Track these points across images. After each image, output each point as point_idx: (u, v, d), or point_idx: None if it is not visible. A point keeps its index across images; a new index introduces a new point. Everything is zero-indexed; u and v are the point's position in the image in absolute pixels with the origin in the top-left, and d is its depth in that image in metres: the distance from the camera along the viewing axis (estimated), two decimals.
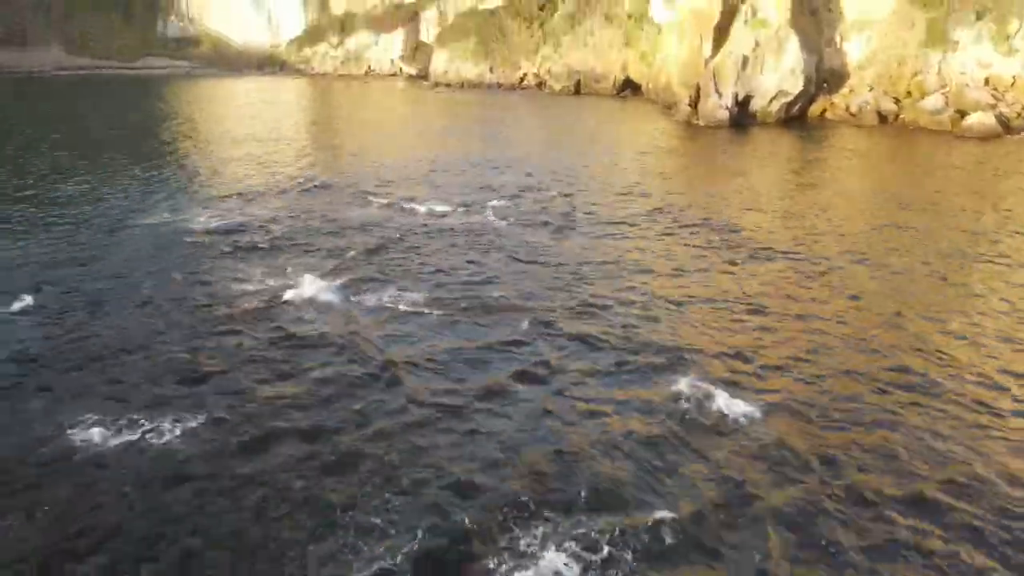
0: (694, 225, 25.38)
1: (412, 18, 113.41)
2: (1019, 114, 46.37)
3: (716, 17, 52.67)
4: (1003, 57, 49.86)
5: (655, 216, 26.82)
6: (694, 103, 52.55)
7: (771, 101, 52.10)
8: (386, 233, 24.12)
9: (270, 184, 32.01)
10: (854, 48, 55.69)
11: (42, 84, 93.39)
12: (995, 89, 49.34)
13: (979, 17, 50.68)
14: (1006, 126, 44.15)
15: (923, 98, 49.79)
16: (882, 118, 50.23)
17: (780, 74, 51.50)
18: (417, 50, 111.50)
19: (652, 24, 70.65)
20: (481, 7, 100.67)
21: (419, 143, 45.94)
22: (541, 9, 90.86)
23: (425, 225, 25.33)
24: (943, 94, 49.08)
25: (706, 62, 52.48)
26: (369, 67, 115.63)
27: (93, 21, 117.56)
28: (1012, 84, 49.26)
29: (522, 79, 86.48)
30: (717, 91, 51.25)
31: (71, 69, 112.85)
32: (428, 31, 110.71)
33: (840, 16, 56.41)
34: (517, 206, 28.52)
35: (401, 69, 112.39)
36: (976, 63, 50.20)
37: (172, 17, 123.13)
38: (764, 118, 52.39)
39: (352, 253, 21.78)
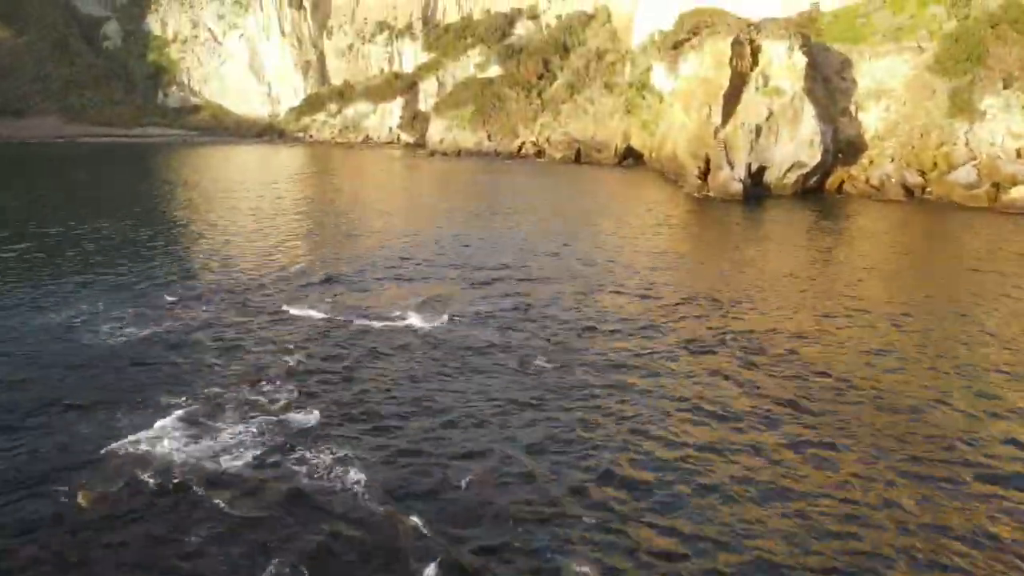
0: (735, 345, 19.96)
1: (411, 87, 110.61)
2: None
3: (725, 86, 48.45)
4: None
5: (678, 332, 21.42)
6: (704, 175, 47.91)
7: (787, 173, 47.43)
8: (331, 352, 18.70)
9: (222, 283, 26.74)
10: (871, 118, 51.38)
11: (33, 151, 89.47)
12: None
13: (1006, 85, 46.42)
14: None
15: (951, 171, 45.09)
16: (908, 191, 45.42)
17: (796, 144, 46.96)
18: (415, 119, 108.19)
19: (654, 93, 66.85)
20: (480, 76, 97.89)
21: (407, 221, 40.97)
22: (540, 78, 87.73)
23: (391, 338, 19.93)
24: (974, 166, 44.40)
25: (716, 132, 48.03)
26: (367, 135, 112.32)
27: (93, 92, 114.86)
28: None
29: (520, 147, 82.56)
30: (729, 162, 46.65)
31: (68, 137, 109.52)
32: (427, 101, 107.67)
33: (854, 85, 52.32)
34: (513, 311, 23.11)
35: (399, 137, 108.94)
36: (1007, 133, 45.68)
37: (173, 87, 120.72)
38: (779, 190, 47.65)
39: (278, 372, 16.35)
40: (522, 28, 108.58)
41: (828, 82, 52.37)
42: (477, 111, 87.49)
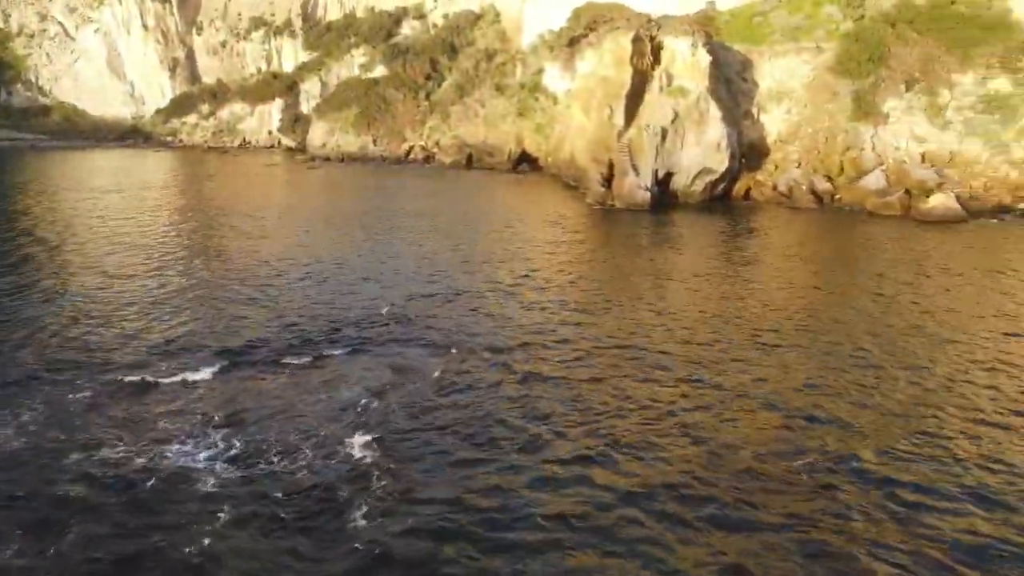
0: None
1: (291, 88, 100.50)
2: (972, 195, 38.80)
3: (627, 85, 43.26)
4: (938, 131, 42.73)
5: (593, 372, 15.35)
6: (607, 181, 42.50)
7: (694, 179, 42.75)
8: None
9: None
10: (773, 120, 47.61)
11: None
12: (932, 165, 41.96)
13: (908, 87, 43.62)
14: (967, 209, 36.24)
15: (860, 176, 41.73)
16: (818, 198, 41.66)
17: (703, 149, 42.33)
18: (297, 121, 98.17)
19: (547, 94, 61.33)
20: (365, 76, 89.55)
21: (268, 242, 33.15)
22: (427, 79, 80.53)
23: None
24: (883, 171, 41.15)
25: (619, 135, 42.73)
26: (244, 139, 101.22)
27: None
28: (950, 160, 42.03)
29: (409, 152, 75.08)
30: (634, 168, 41.42)
31: None
32: (309, 102, 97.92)
33: (755, 86, 48.45)
34: (389, 358, 16.37)
35: (279, 141, 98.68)
36: (911, 137, 42.83)
37: (18, 86, 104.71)
38: (687, 198, 42.92)
39: None
40: (408, 28, 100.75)
41: (730, 83, 48.24)
42: (361, 113, 79.32)
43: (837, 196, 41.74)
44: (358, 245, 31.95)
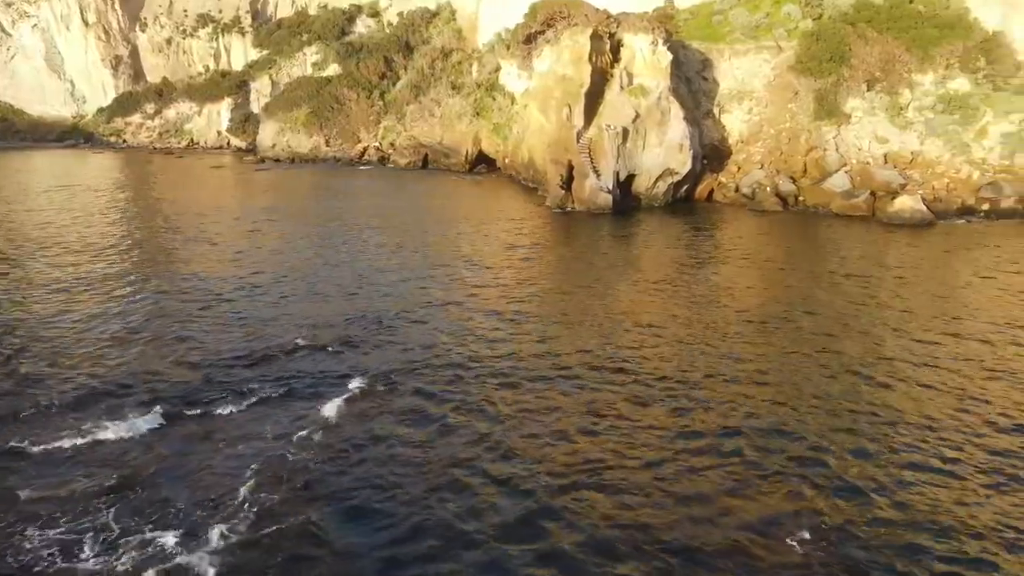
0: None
1: (241, 87, 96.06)
2: (936, 197, 37.58)
3: (587, 83, 41.01)
4: (899, 131, 41.51)
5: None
6: (567, 184, 40.23)
7: (657, 181, 40.74)
8: None
9: None
10: (734, 120, 45.95)
11: None
12: (895, 166, 40.73)
13: (870, 87, 42.33)
14: (933, 211, 34.91)
15: (824, 177, 40.24)
16: (782, 200, 40.01)
17: (665, 149, 40.35)
18: (247, 121, 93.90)
19: (505, 94, 58.83)
20: (318, 75, 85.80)
21: (197, 257, 30.06)
22: (382, 78, 77.33)
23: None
24: (847, 173, 39.73)
25: (578, 135, 40.45)
26: (192, 140, 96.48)
27: None
28: (912, 161, 40.84)
29: (363, 153, 71.78)
30: (595, 170, 39.22)
31: None
32: (259, 101, 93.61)
33: (716, 85, 46.73)
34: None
35: (229, 142, 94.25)
36: (873, 137, 41.52)
37: None
38: (650, 201, 40.90)
39: None
40: (362, 26, 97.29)
41: (690, 82, 46.43)
42: (313, 113, 75.70)
43: (801, 198, 40.18)
44: (299, 257, 29.05)
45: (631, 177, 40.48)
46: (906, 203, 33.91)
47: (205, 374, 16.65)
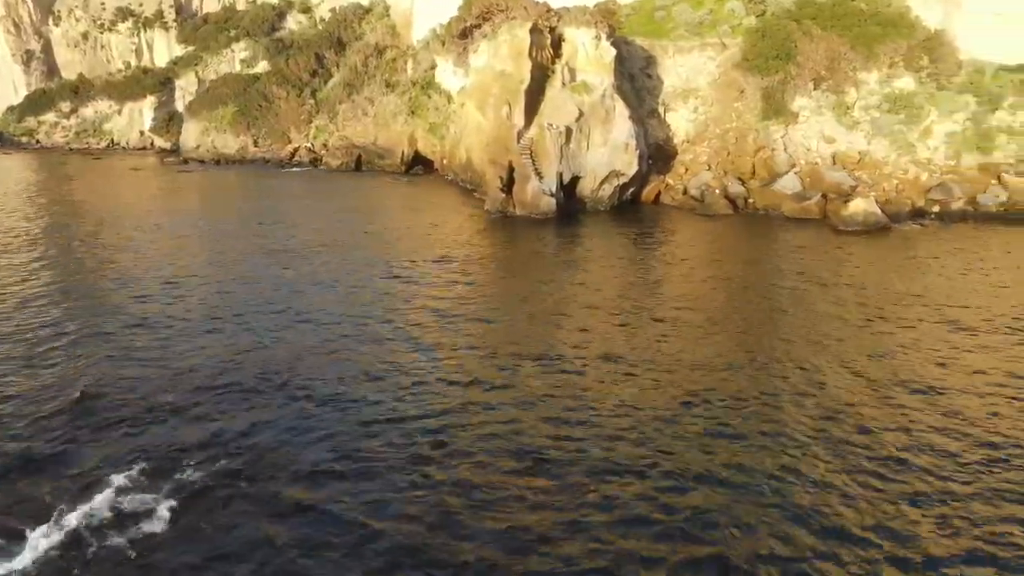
0: None
1: (165, 85, 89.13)
2: (887, 199, 35.53)
3: (527, 80, 37.51)
4: (847, 130, 39.49)
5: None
6: (508, 187, 36.69)
7: (602, 184, 37.58)
8: None
9: None
10: (680, 120, 43.24)
11: None
12: (843, 166, 38.67)
13: (816, 85, 40.18)
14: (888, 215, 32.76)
15: (773, 179, 37.83)
16: (732, 203, 37.38)
17: (610, 150, 37.22)
18: (172, 121, 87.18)
19: (441, 92, 54.97)
20: (247, 72, 79.94)
21: (89, 275, 25.39)
22: (313, 75, 72.21)
23: None
24: (797, 174, 37.41)
25: (519, 135, 36.94)
26: (112, 140, 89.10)
27: None
28: (859, 161, 38.87)
29: (293, 154, 66.55)
30: (537, 172, 35.79)
31: None
32: (185, 100, 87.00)
33: (660, 83, 43.92)
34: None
35: (152, 142, 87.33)
36: (820, 137, 39.40)
37: None
38: (595, 204, 37.73)
39: None
40: (293, 22, 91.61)
41: (634, 80, 43.50)
42: (240, 112, 70.11)
43: (751, 200, 37.67)
44: (209, 271, 24.70)
45: (575, 179, 37.24)
46: (860, 206, 31.61)
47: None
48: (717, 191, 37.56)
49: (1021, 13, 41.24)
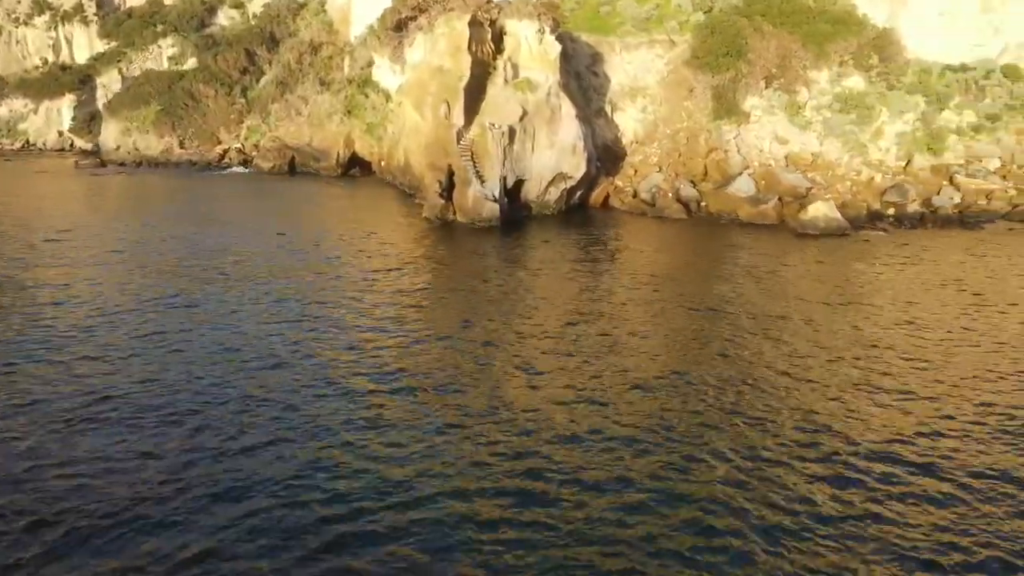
0: None
1: (85, 82, 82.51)
2: (843, 202, 33.65)
3: (466, 76, 34.30)
4: (799, 131, 37.62)
5: None
6: (448, 191, 33.45)
7: (548, 187, 34.70)
8: None
9: None
10: (628, 119, 40.74)
11: None
12: (796, 168, 36.76)
13: (768, 84, 38.22)
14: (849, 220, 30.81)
15: (726, 181, 35.61)
16: (685, 207, 34.94)
17: (557, 151, 34.36)
18: (93, 120, 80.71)
19: (378, 91, 51.29)
20: (173, 69, 74.31)
21: None
22: (244, 73, 67.34)
23: None
24: (751, 176, 35.29)
25: (459, 136, 33.70)
26: (28, 141, 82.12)
27: None
28: (812, 162, 37.03)
29: (223, 156, 61.70)
30: (479, 175, 32.64)
31: None
32: (107, 98, 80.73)
33: (607, 81, 41.31)
34: None
35: (72, 143, 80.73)
36: (773, 138, 37.41)
37: None
38: (541, 209, 34.80)
39: None
40: (225, 18, 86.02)
41: (580, 77, 40.78)
42: (164, 111, 64.73)
43: (705, 204, 35.34)
44: (109, 292, 20.76)
45: (519, 183, 34.24)
46: (820, 210, 29.55)
47: None
48: (669, 194, 35.13)
49: (965, 12, 40.27)
